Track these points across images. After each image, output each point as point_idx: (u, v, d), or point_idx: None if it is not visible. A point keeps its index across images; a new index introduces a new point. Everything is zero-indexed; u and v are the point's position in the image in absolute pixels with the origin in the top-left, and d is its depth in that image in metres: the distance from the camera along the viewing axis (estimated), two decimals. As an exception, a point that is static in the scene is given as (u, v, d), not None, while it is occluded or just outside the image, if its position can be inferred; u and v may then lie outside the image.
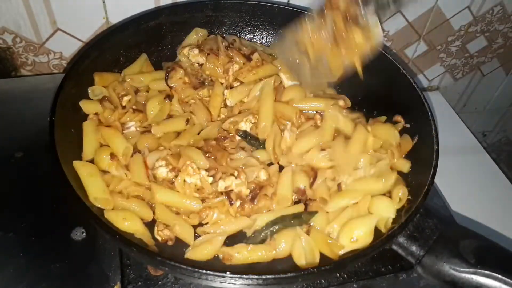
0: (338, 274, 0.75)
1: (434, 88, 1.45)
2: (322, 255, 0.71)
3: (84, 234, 0.76)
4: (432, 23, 1.25)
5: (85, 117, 0.81)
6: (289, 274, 0.58)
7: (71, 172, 0.69)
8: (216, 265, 0.68)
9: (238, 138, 0.86)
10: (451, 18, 1.25)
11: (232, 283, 0.58)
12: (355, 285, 0.75)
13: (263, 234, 0.72)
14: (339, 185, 0.78)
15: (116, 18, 1.01)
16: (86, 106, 0.81)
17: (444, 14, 1.24)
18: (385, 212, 0.72)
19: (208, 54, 0.92)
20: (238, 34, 1.03)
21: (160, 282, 0.71)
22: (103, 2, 0.98)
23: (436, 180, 0.95)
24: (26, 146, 0.87)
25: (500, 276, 0.62)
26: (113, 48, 0.88)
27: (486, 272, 0.62)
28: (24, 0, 0.92)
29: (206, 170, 0.76)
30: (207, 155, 0.79)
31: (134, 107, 0.85)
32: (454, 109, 1.27)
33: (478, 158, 1.10)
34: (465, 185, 1.01)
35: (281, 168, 0.82)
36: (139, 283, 0.70)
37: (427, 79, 1.42)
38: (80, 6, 0.96)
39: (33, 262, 0.72)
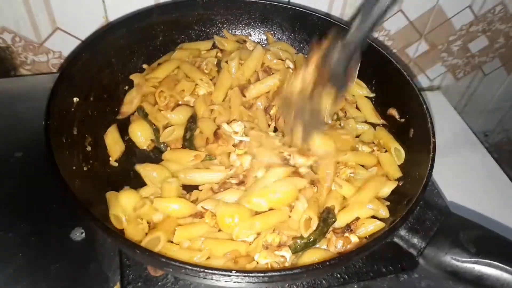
0: (339, 275, 0.75)
1: (435, 88, 1.45)
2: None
3: (84, 234, 0.75)
4: (434, 22, 1.24)
5: (81, 117, 0.81)
6: (295, 271, 0.58)
7: (69, 174, 0.69)
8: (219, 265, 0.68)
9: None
10: (452, 18, 1.25)
11: (238, 282, 0.58)
12: (355, 286, 0.75)
13: None
14: None
15: (115, 17, 1.00)
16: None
17: (445, 14, 1.23)
18: None
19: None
20: (230, 32, 1.03)
21: (160, 283, 0.71)
22: (103, 1, 0.97)
23: (438, 180, 0.96)
24: (26, 146, 0.87)
25: (500, 264, 0.63)
26: (104, 49, 0.87)
27: (487, 261, 0.63)
28: (24, 0, 0.92)
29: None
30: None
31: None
32: (455, 108, 1.27)
33: (479, 158, 1.09)
34: (467, 185, 1.01)
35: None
36: (139, 283, 0.70)
37: (428, 78, 1.42)
38: (79, 6, 0.96)
39: (33, 262, 0.71)
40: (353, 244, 0.71)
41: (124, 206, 0.70)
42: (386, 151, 0.87)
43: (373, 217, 0.76)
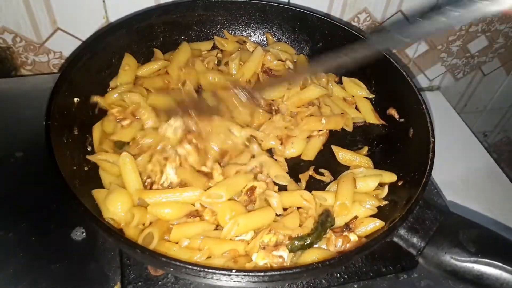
0: (338, 274, 0.75)
1: (435, 88, 1.45)
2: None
3: (84, 234, 0.76)
4: (433, 22, 1.24)
5: (82, 117, 0.81)
6: (294, 270, 0.58)
7: (69, 174, 0.69)
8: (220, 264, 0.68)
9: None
10: (452, 18, 1.25)
11: (238, 281, 0.58)
12: (355, 286, 0.75)
13: None
14: None
15: (116, 17, 1.01)
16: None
17: (445, 14, 1.23)
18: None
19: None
20: (230, 32, 1.03)
21: (160, 282, 0.71)
22: (103, 1, 0.97)
23: (437, 180, 0.96)
24: (26, 145, 0.87)
25: (500, 264, 0.63)
26: (105, 49, 0.87)
27: (486, 260, 0.63)
28: (24, 0, 0.92)
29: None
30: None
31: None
32: (455, 109, 1.27)
33: (479, 158, 1.09)
34: (466, 185, 1.01)
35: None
36: (139, 283, 0.70)
37: (428, 79, 1.42)
38: (80, 6, 0.96)
39: (33, 262, 0.72)
40: (352, 242, 0.71)
41: (114, 211, 0.69)
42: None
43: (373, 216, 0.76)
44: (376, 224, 0.73)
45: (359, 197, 0.77)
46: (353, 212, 0.75)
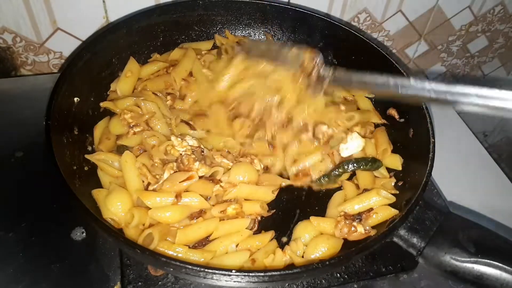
0: (338, 274, 0.75)
1: (435, 88, 1.45)
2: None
3: (84, 234, 0.76)
4: (433, 22, 1.25)
5: (82, 117, 0.81)
6: (294, 270, 0.58)
7: (69, 174, 0.69)
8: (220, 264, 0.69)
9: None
10: (452, 18, 1.25)
11: (238, 281, 0.58)
12: (355, 286, 0.75)
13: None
14: None
15: (116, 17, 1.01)
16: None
17: (445, 14, 1.24)
18: None
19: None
20: (230, 32, 1.03)
21: (160, 282, 0.71)
22: (103, 1, 0.97)
23: (437, 180, 0.96)
24: (26, 145, 0.87)
25: (500, 264, 0.63)
26: (105, 49, 0.87)
27: (486, 260, 0.64)
28: (24, 0, 0.92)
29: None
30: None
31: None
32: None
33: (479, 159, 1.09)
34: (467, 185, 1.01)
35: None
36: (139, 283, 0.70)
37: (428, 79, 1.42)
38: (80, 6, 0.96)
39: (33, 262, 0.72)
40: (357, 234, 0.73)
41: (114, 211, 0.69)
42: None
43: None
44: (389, 212, 0.75)
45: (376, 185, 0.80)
46: (367, 202, 0.77)
